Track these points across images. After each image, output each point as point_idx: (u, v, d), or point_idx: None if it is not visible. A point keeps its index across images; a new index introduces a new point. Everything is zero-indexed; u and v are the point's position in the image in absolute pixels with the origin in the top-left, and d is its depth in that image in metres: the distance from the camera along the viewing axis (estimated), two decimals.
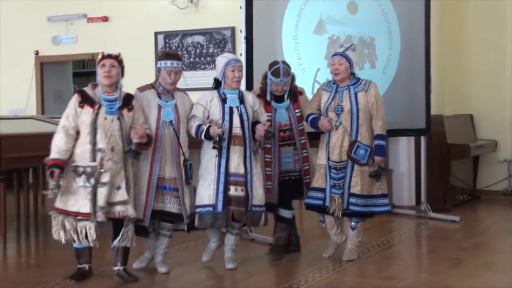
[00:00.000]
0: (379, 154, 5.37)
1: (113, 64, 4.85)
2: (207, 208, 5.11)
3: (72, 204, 4.77)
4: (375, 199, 5.41)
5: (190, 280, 5.01)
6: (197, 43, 10.14)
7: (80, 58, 11.38)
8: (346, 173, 5.34)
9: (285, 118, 5.48)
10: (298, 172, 5.53)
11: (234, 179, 5.14)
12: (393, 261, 5.44)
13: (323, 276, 5.03)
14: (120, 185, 4.77)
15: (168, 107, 5.09)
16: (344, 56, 5.41)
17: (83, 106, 4.78)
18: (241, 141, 5.17)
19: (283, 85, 5.47)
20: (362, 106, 5.35)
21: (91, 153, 4.73)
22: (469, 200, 8.64)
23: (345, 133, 5.35)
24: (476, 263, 5.39)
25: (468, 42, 9.10)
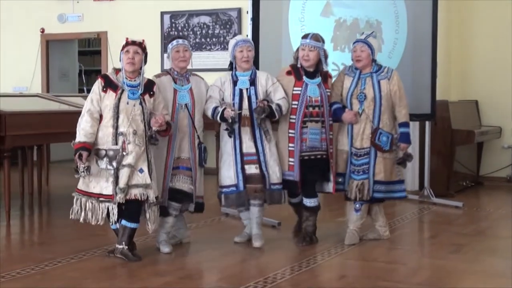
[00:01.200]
0: (405, 141, 5.41)
1: (137, 51, 4.94)
2: (231, 188, 5.27)
3: (94, 186, 4.89)
4: (393, 185, 5.46)
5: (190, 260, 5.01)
6: (203, 24, 10.10)
7: (85, 36, 11.35)
8: (369, 160, 5.38)
9: (316, 94, 5.38)
10: (324, 151, 5.42)
11: (247, 158, 5.26)
12: (396, 245, 5.44)
13: (325, 259, 5.04)
14: (143, 168, 4.85)
15: (183, 91, 5.20)
16: (366, 43, 5.42)
17: (106, 91, 4.90)
18: (249, 122, 5.26)
19: (310, 48, 5.37)
20: (385, 94, 5.38)
21: (113, 137, 4.85)
22: (472, 186, 8.64)
23: (367, 120, 5.37)
24: (478, 248, 5.39)
25: (476, 27, 9.05)
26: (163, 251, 5.17)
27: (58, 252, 5.16)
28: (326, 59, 5.47)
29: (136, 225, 4.95)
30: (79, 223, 4.95)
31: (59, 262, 4.88)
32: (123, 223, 4.93)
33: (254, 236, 5.36)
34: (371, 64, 5.44)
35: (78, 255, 5.07)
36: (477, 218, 6.80)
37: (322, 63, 5.42)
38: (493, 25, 8.95)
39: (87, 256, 5.07)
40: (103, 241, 5.47)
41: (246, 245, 5.43)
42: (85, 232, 5.80)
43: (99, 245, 5.32)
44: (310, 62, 5.39)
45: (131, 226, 4.92)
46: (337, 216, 6.29)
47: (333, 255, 5.17)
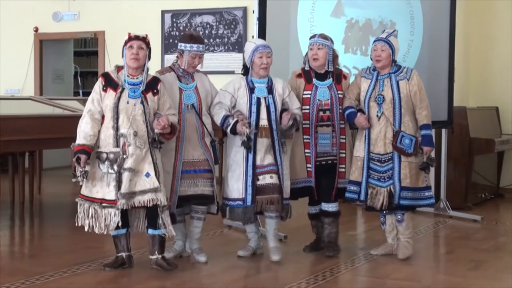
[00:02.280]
0: (428, 144, 5.39)
1: (141, 46, 4.95)
2: (237, 202, 5.28)
3: (97, 190, 4.90)
4: (420, 192, 5.44)
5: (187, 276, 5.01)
6: (206, 24, 10.12)
7: (82, 36, 11.36)
8: (394, 165, 5.36)
9: (326, 97, 5.44)
10: (335, 156, 5.49)
11: (263, 169, 5.25)
12: (409, 261, 5.42)
13: (334, 276, 5.03)
14: (149, 172, 4.85)
15: (189, 90, 5.22)
16: (387, 42, 5.41)
17: (106, 90, 4.92)
18: (268, 133, 5.28)
19: (319, 46, 5.44)
20: (404, 95, 5.37)
21: (114, 139, 4.85)
22: (491, 199, 8.61)
23: (388, 123, 5.36)
24: (497, 265, 5.38)
25: (496, 29, 9.03)
26: (199, 260, 5.23)
27: (50, 265, 5.16)
28: (335, 60, 5.51)
29: (161, 232, 4.94)
30: (72, 234, 4.98)
31: (51, 276, 4.88)
32: (149, 232, 4.96)
33: (271, 249, 5.36)
34: (390, 65, 5.44)
35: (72, 269, 5.07)
36: (497, 233, 6.78)
37: (329, 63, 5.45)
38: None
39: (81, 270, 5.06)
40: (98, 253, 5.48)
41: (250, 259, 5.42)
42: (79, 244, 5.80)
43: (94, 258, 5.32)
44: (319, 62, 5.44)
45: (159, 234, 4.94)
46: (347, 229, 6.29)
47: (342, 271, 5.16)
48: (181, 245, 5.42)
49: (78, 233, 5.85)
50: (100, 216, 4.89)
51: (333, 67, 5.49)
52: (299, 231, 5.76)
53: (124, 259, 5.05)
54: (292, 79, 5.57)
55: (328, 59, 5.47)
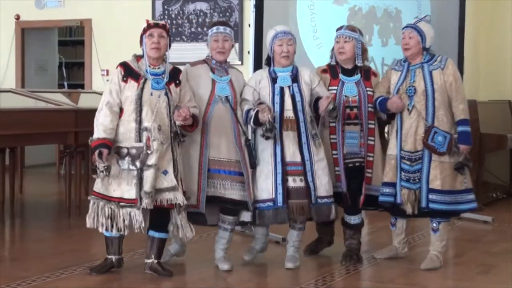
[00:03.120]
0: (465, 142, 5.20)
1: (162, 34, 4.91)
2: (267, 203, 5.14)
3: (114, 188, 4.84)
4: (458, 195, 5.25)
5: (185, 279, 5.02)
6: (199, 11, 10.11)
7: (66, 24, 11.35)
8: (423, 164, 5.21)
9: (353, 93, 5.34)
10: (362, 158, 5.35)
11: (291, 168, 5.15)
12: (415, 265, 5.42)
13: (335, 281, 5.03)
14: (167, 170, 4.82)
15: (223, 82, 5.15)
16: (415, 29, 5.30)
17: (127, 81, 4.86)
18: (294, 126, 5.16)
19: (345, 38, 5.35)
20: (439, 86, 5.21)
21: (136, 133, 4.80)
22: (503, 199, 8.62)
23: (420, 117, 5.21)
24: (509, 270, 5.38)
25: (507, 18, 9.03)
26: (222, 268, 5.17)
27: (32, 269, 5.15)
28: (364, 54, 5.42)
29: (164, 235, 4.96)
30: (56, 236, 4.97)
31: (34, 281, 4.87)
32: (150, 234, 4.94)
33: (287, 257, 5.30)
34: (422, 53, 5.31)
35: (56, 273, 5.05)
36: (509, 235, 6.77)
37: (357, 57, 5.36)
38: None
39: (66, 275, 5.05)
40: (84, 257, 5.47)
41: (249, 264, 5.40)
42: (64, 247, 5.81)
43: (80, 262, 5.31)
44: (346, 55, 5.36)
45: (159, 237, 4.94)
46: None
47: (344, 275, 5.16)
48: (177, 248, 5.39)
49: (62, 235, 5.85)
50: (118, 216, 4.82)
51: (362, 61, 5.40)
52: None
53: (113, 262, 5.03)
54: (317, 73, 5.46)
55: (356, 52, 5.37)
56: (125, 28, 10.29)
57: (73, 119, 7.02)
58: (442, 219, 5.35)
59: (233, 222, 5.22)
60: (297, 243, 5.33)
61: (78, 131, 6.98)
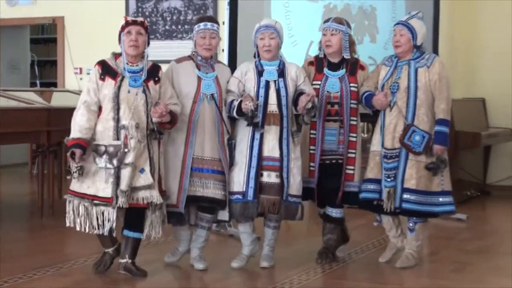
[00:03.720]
0: (441, 142, 5.17)
1: (140, 32, 4.89)
2: (236, 195, 5.12)
3: (88, 185, 4.82)
4: (434, 197, 5.21)
5: (160, 280, 5.00)
6: (173, 9, 10.08)
7: (39, 22, 11.28)
8: (399, 163, 5.18)
9: (335, 89, 5.32)
10: (341, 155, 5.33)
11: (268, 163, 5.13)
12: (390, 263, 5.44)
13: (310, 279, 5.04)
14: (144, 168, 4.81)
15: (209, 79, 5.12)
16: (407, 26, 5.26)
17: (104, 79, 4.85)
18: (277, 120, 5.13)
19: (332, 31, 5.31)
20: (422, 84, 5.17)
21: (114, 131, 4.78)
22: (477, 196, 8.67)
23: (400, 115, 5.18)
24: (483, 267, 5.42)
25: (482, 16, 9.08)
26: (197, 267, 5.16)
27: (4, 270, 5.10)
28: (352, 47, 5.40)
29: (139, 235, 4.93)
30: (29, 237, 4.94)
31: (6, 282, 4.82)
32: (125, 233, 4.92)
33: (263, 256, 5.29)
34: (412, 51, 5.27)
35: (28, 274, 5.02)
36: (483, 233, 6.83)
37: (344, 50, 5.34)
38: (503, 14, 8.97)
39: (38, 276, 5.02)
40: (57, 257, 5.45)
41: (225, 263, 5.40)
42: (37, 248, 5.77)
43: (53, 263, 5.28)
44: (333, 48, 5.33)
45: (134, 236, 4.92)
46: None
47: (319, 274, 5.17)
48: (185, 246, 5.32)
49: (35, 235, 5.81)
50: (91, 214, 4.80)
51: (349, 54, 5.37)
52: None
53: (111, 254, 5.03)
54: (304, 67, 5.45)
55: (343, 45, 5.34)
56: (99, 25, 10.25)
57: (46, 118, 6.97)
58: (418, 220, 5.32)
59: (210, 220, 5.21)
60: (272, 242, 5.33)
61: (50, 130, 6.93)
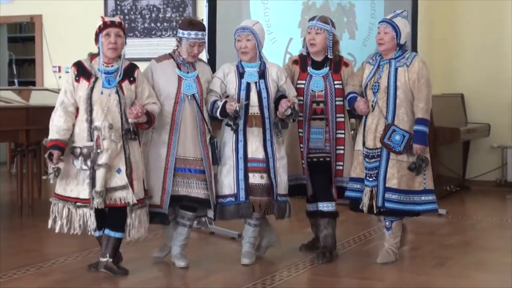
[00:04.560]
0: (419, 141, 5.16)
1: (119, 34, 4.89)
2: (229, 198, 5.17)
3: (71, 189, 4.85)
4: (416, 195, 5.23)
5: (141, 278, 4.99)
6: (152, 6, 10.04)
7: (17, 20, 11.20)
8: (381, 162, 5.19)
9: (320, 88, 5.34)
10: (328, 153, 5.37)
11: (252, 165, 5.17)
12: (371, 259, 5.45)
13: (292, 276, 5.04)
14: (120, 168, 4.81)
15: (189, 79, 5.12)
16: (391, 24, 5.24)
17: (79, 80, 4.86)
18: (259, 122, 5.17)
19: (317, 30, 5.32)
20: (402, 83, 5.17)
21: (88, 132, 4.79)
22: (457, 191, 8.72)
23: (381, 115, 5.20)
24: (464, 262, 5.44)
25: (460, 12, 9.12)
26: (178, 265, 5.16)
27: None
28: (336, 46, 5.40)
29: (120, 235, 4.92)
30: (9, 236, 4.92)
31: None
32: (106, 233, 4.92)
33: (243, 253, 5.30)
34: (395, 49, 5.26)
35: (8, 274, 4.99)
36: (463, 228, 6.87)
37: (328, 49, 5.35)
38: (480, 10, 9.03)
39: (18, 275, 4.99)
40: (37, 257, 5.42)
41: (206, 261, 5.39)
42: (17, 247, 5.74)
43: (32, 262, 5.25)
44: (317, 47, 5.35)
45: (115, 236, 4.91)
46: (306, 226, 6.29)
47: (301, 270, 5.18)
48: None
49: (14, 235, 5.77)
50: (74, 217, 4.82)
51: (333, 53, 5.38)
52: None
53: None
54: (288, 66, 5.48)
55: (327, 44, 5.36)
56: (77, 23, 10.18)
57: (24, 116, 6.92)
58: (394, 218, 5.35)
59: (192, 218, 5.21)
60: (252, 239, 5.34)
61: (29, 129, 6.88)
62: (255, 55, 5.24)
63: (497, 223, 7.08)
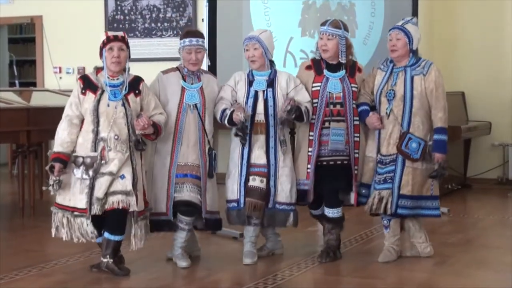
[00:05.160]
0: (440, 150, 5.18)
1: (122, 48, 4.98)
2: (233, 203, 5.28)
3: (70, 198, 4.91)
4: (423, 201, 5.28)
5: (142, 278, 5.00)
6: (152, 6, 10.05)
7: (17, 22, 11.20)
8: (396, 169, 5.19)
9: (338, 90, 5.30)
10: (347, 156, 5.32)
11: (254, 169, 5.22)
12: (373, 257, 5.45)
13: (294, 275, 5.05)
14: (124, 174, 4.88)
15: (193, 90, 5.21)
16: (403, 30, 5.24)
17: (85, 93, 4.96)
18: (263, 129, 5.22)
19: (328, 36, 5.29)
20: (418, 92, 5.18)
21: (93, 143, 4.88)
22: (458, 189, 8.72)
23: (396, 122, 5.19)
24: (465, 260, 5.44)
25: (461, 10, 9.12)
26: (180, 265, 5.20)
27: None
28: (349, 50, 5.37)
29: (120, 238, 4.96)
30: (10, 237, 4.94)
31: None
32: (105, 236, 4.96)
33: (245, 253, 5.32)
34: (408, 56, 5.26)
35: (9, 275, 5.00)
36: (464, 226, 6.86)
37: (341, 54, 5.32)
38: (481, 7, 9.02)
39: (20, 276, 5.00)
40: (39, 257, 5.43)
41: (208, 261, 5.40)
42: (18, 248, 5.75)
43: (34, 263, 5.26)
44: (329, 53, 5.32)
45: (114, 239, 4.95)
46: (307, 225, 6.30)
47: (303, 269, 5.18)
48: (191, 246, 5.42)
49: (16, 235, 5.77)
50: (73, 226, 4.88)
51: (346, 58, 5.35)
52: None
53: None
54: (301, 72, 5.44)
55: (340, 49, 5.32)
56: (77, 24, 10.21)
57: (25, 117, 6.93)
58: (391, 217, 5.36)
59: (190, 222, 5.24)
60: (254, 238, 5.35)
61: (30, 130, 6.89)
62: (264, 63, 5.27)
63: (498, 221, 7.08)
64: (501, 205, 8.04)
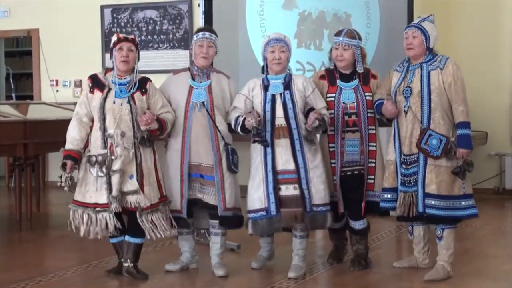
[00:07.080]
0: (465, 145, 5.08)
1: (131, 48, 5.10)
2: (260, 212, 5.14)
3: (90, 195, 5.04)
4: (456, 201, 5.09)
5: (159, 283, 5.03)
6: (149, 19, 10.06)
7: (14, 35, 11.22)
8: (418, 168, 5.06)
9: (351, 100, 5.29)
10: (362, 166, 5.31)
11: (284, 176, 5.13)
12: (371, 268, 5.45)
13: (291, 286, 5.03)
14: (132, 174, 4.98)
15: (200, 88, 5.23)
16: (419, 28, 5.15)
17: (93, 91, 5.10)
18: (286, 133, 5.14)
19: (344, 46, 5.29)
20: (436, 87, 5.05)
21: (102, 140, 4.99)
22: None
23: (415, 119, 5.07)
24: (463, 270, 5.43)
25: (457, 21, 9.13)
26: (217, 274, 5.25)
27: None
28: (363, 59, 5.39)
29: (141, 240, 5.11)
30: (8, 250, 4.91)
31: None
32: (126, 239, 5.11)
33: (292, 266, 5.26)
34: (425, 53, 5.15)
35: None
36: (462, 236, 6.83)
37: (358, 64, 5.32)
38: (476, 17, 9.05)
39: None
40: (36, 271, 5.42)
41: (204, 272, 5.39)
42: (17, 261, 5.75)
43: (32, 276, 5.25)
44: (345, 63, 5.32)
45: (135, 242, 5.09)
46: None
47: (300, 281, 5.16)
48: (187, 257, 5.43)
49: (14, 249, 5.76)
50: (94, 221, 4.98)
51: (362, 67, 5.35)
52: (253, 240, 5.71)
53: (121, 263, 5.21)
54: (315, 81, 5.40)
55: (356, 59, 5.32)
56: (74, 37, 10.22)
57: (22, 130, 6.92)
58: (445, 226, 5.18)
59: (216, 225, 5.26)
60: (301, 252, 5.29)
61: (27, 143, 6.89)
62: (285, 67, 5.26)
63: (496, 230, 7.08)
64: (498, 214, 8.03)
